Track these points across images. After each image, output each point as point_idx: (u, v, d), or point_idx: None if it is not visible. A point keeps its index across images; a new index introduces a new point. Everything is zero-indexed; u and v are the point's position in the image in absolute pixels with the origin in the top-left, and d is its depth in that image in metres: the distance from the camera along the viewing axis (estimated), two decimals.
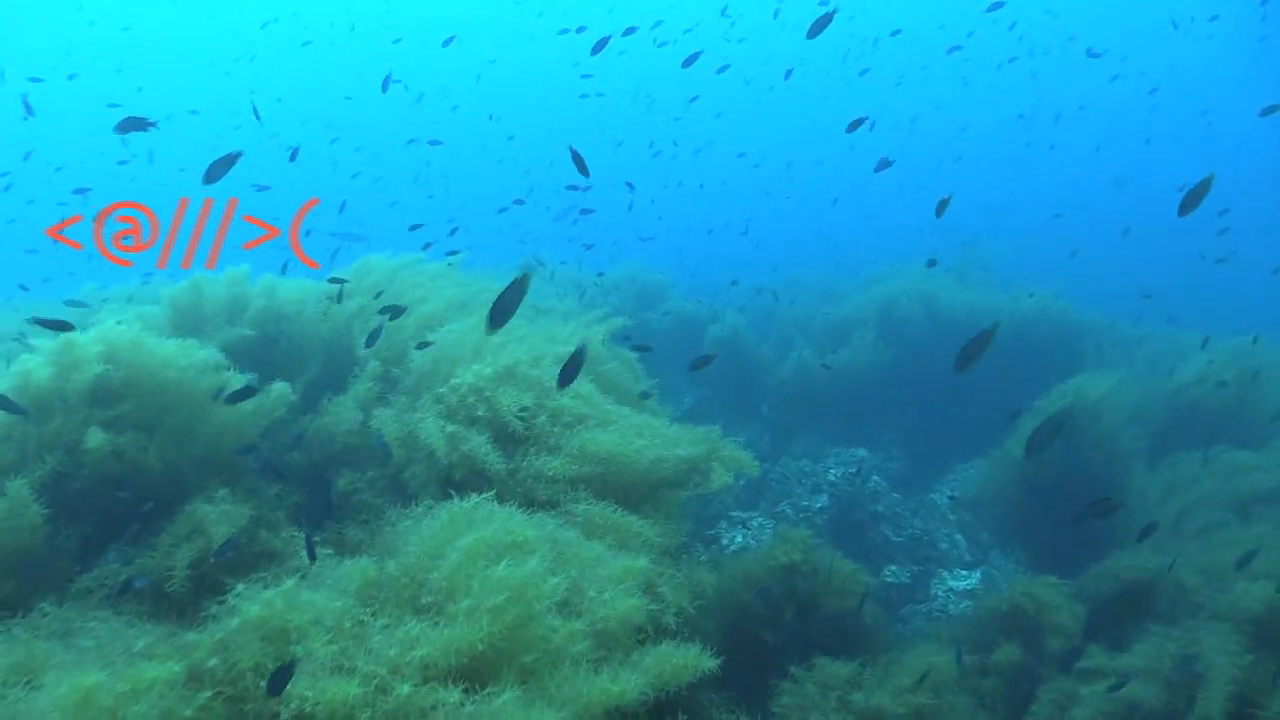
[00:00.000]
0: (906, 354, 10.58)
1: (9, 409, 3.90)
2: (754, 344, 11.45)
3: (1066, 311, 10.96)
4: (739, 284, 14.33)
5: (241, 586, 2.75)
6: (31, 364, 4.24)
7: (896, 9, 32.26)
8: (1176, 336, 11.34)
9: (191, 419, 4.31)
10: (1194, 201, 3.63)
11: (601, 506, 3.74)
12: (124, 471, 4.11)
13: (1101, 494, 7.21)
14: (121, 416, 4.21)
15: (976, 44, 30.43)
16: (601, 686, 2.48)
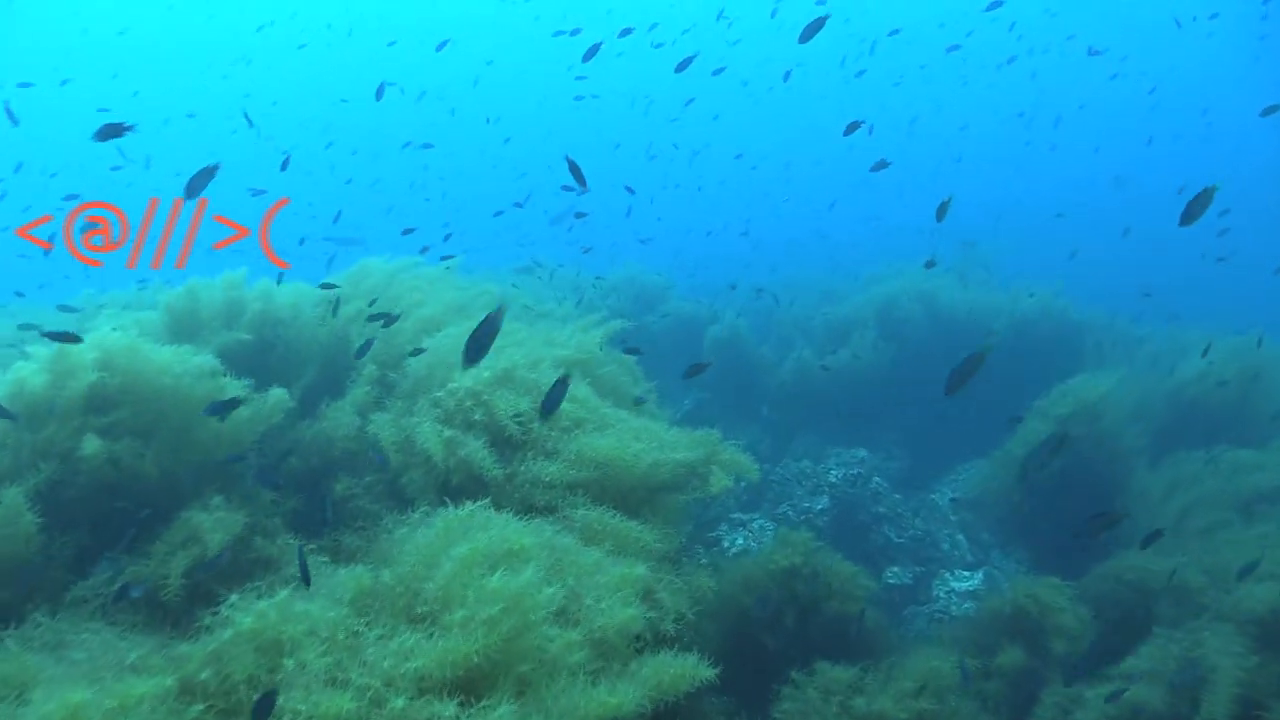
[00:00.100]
0: (907, 354, 10.55)
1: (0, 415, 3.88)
2: (754, 345, 11.42)
3: (1067, 310, 10.92)
4: (738, 287, 14.30)
5: (235, 597, 2.72)
6: (26, 371, 4.22)
7: (895, 8, 32.22)
8: (1177, 335, 11.29)
9: (187, 425, 4.29)
10: (1197, 211, 3.59)
11: (600, 512, 3.71)
12: (120, 478, 4.08)
13: (1103, 493, 7.21)
14: (117, 423, 4.19)
15: (976, 43, 30.40)
16: (599, 699, 2.45)
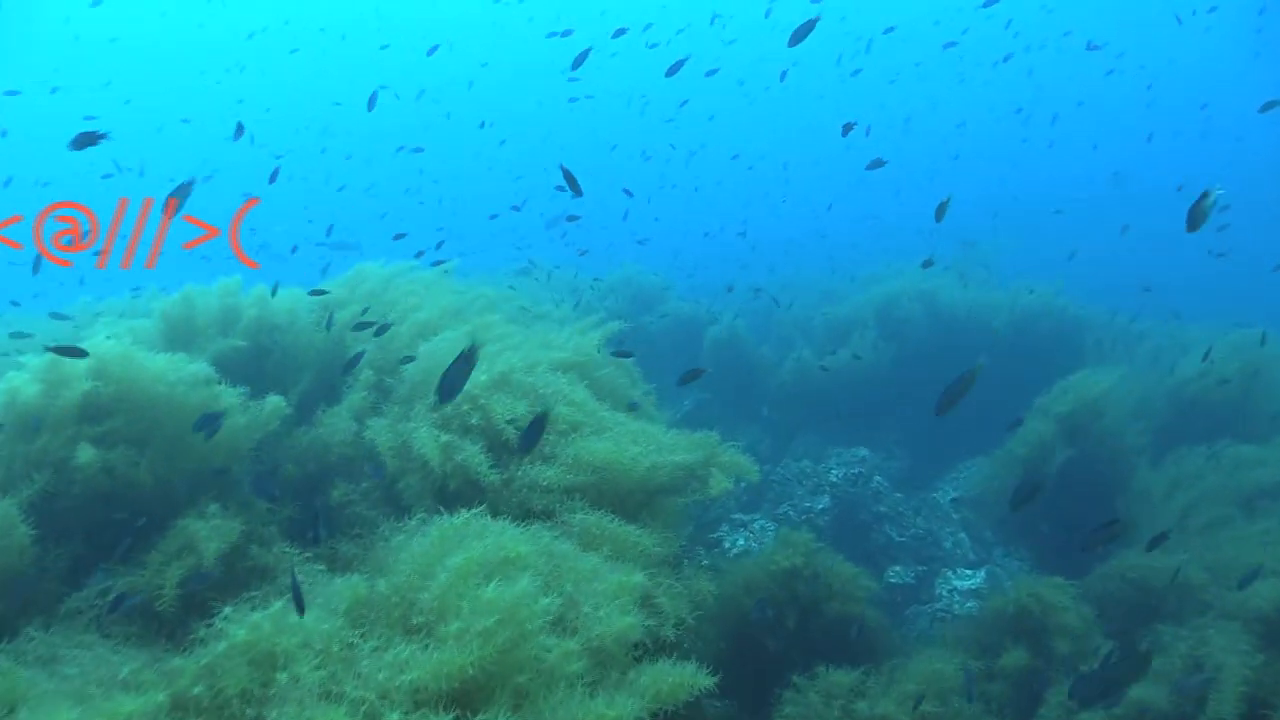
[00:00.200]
0: (907, 353, 10.53)
1: None
2: (753, 345, 11.40)
3: (1067, 307, 10.90)
4: (735, 289, 14.26)
5: (229, 609, 2.69)
6: (18, 381, 4.19)
7: (890, 6, 32.16)
8: (1178, 331, 11.26)
9: (182, 433, 4.25)
10: (1200, 216, 3.54)
11: (598, 516, 3.68)
12: (115, 487, 4.05)
13: (1105, 491, 7.18)
14: (111, 432, 4.16)
15: (972, 40, 30.36)
16: (596, 712, 2.42)
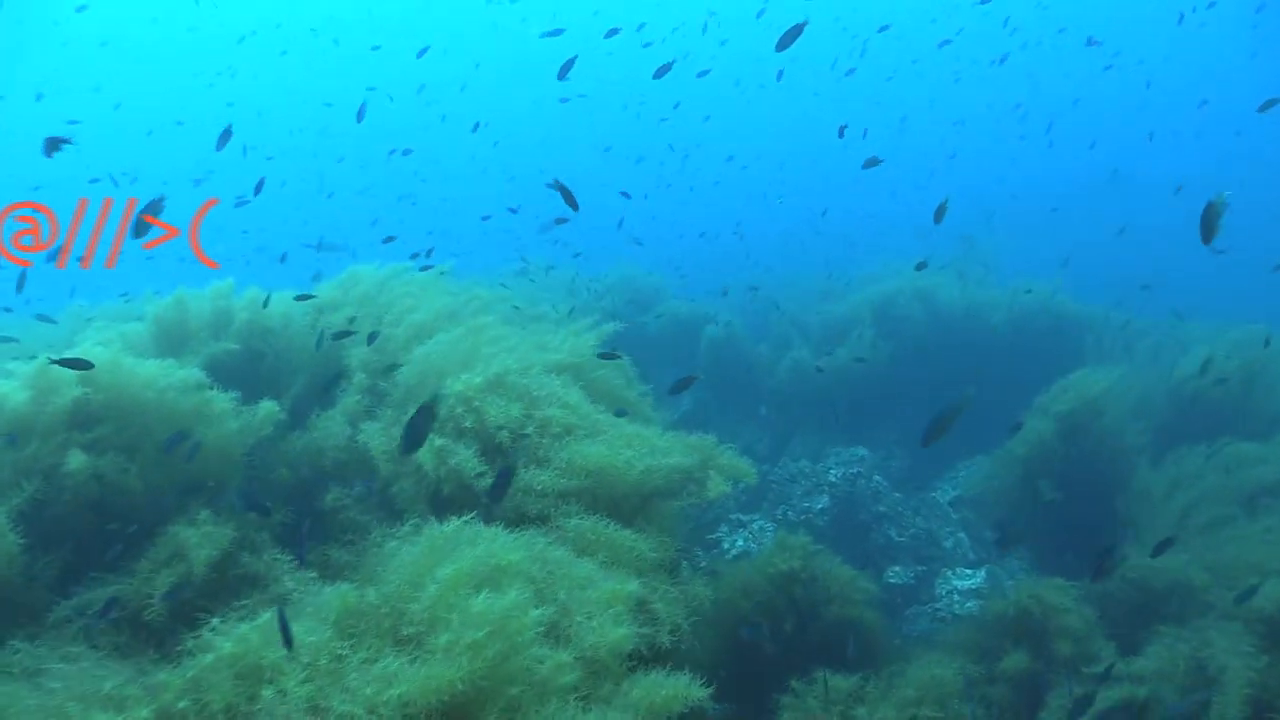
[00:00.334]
0: (905, 351, 10.48)
1: None
2: (750, 344, 11.35)
3: (1065, 306, 10.86)
4: (730, 291, 14.18)
5: (217, 620, 2.64)
6: (7, 388, 4.14)
7: (886, 4, 32.13)
8: (1177, 329, 11.21)
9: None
10: (1212, 225, 3.50)
11: (593, 521, 3.64)
12: (104, 494, 4.01)
13: (1105, 490, 7.14)
14: (101, 439, 4.12)
15: (968, 38, 30.29)
16: None
